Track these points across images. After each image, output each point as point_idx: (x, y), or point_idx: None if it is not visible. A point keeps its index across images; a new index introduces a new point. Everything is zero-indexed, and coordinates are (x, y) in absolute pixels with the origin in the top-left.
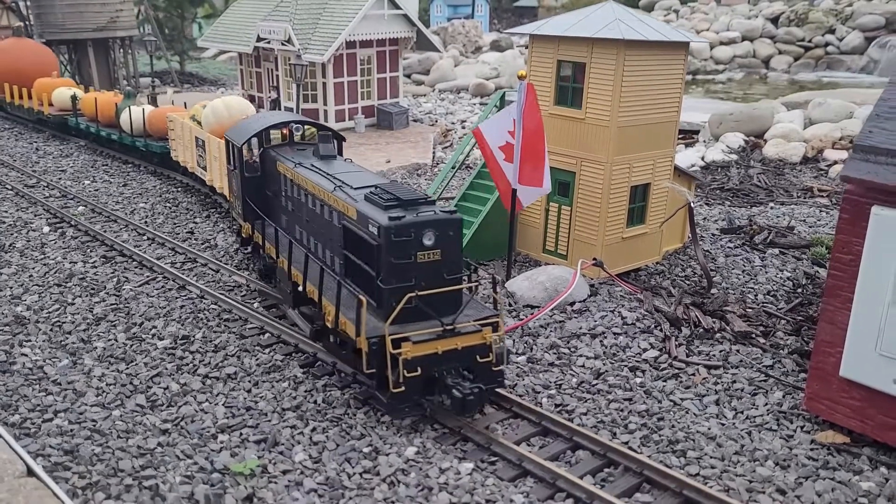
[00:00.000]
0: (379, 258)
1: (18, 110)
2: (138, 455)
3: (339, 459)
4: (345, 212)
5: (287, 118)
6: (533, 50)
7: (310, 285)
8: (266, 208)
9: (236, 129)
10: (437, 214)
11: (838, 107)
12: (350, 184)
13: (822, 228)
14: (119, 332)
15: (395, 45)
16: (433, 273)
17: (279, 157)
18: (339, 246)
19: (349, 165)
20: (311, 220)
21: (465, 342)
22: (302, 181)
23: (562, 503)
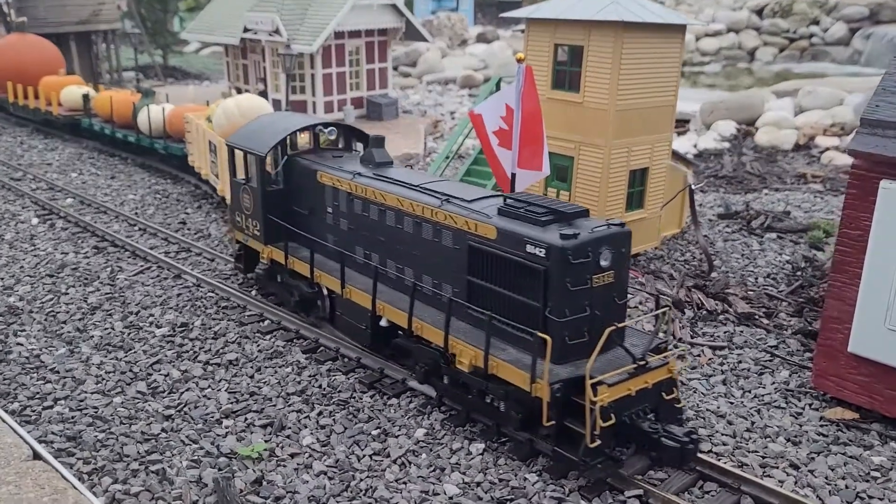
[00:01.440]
0: (547, 285)
1: (23, 111)
2: (143, 440)
3: (348, 442)
4: (471, 230)
5: (309, 119)
6: (529, 34)
7: (418, 321)
8: (298, 227)
9: (245, 135)
10: (611, 229)
11: (828, 94)
12: (460, 196)
13: (818, 213)
14: (116, 321)
15: (383, 35)
16: (606, 299)
17: (319, 167)
18: (455, 271)
19: (421, 174)
20: (392, 240)
21: (654, 378)
22: (374, 195)
23: (574, 482)
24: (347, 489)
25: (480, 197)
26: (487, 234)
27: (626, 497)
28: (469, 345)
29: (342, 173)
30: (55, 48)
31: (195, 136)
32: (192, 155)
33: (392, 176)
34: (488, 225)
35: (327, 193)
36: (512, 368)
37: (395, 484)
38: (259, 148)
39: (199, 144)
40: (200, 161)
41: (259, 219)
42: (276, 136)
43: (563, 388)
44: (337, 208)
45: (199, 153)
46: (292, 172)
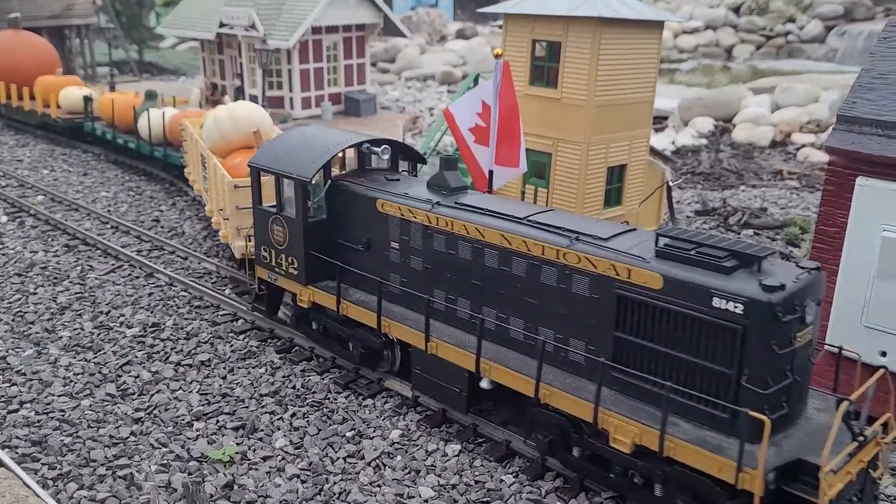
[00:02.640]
0: (744, 348)
1: (18, 113)
2: (111, 444)
3: (322, 444)
4: (621, 277)
5: (353, 136)
6: (507, 29)
7: (547, 388)
8: (347, 265)
9: (275, 154)
10: (813, 275)
11: (804, 92)
12: (592, 232)
13: (794, 210)
14: (85, 321)
15: (361, 31)
16: (803, 360)
17: (378, 194)
18: (593, 325)
19: (512, 201)
20: (492, 285)
21: (869, 455)
22: (466, 229)
23: (551, 483)
24: (320, 493)
25: (620, 232)
26: (647, 283)
27: (604, 498)
28: (628, 419)
29: (414, 202)
30: (51, 46)
31: (190, 145)
32: (189, 166)
33: (477, 204)
34: (648, 271)
35: (392, 226)
36: (700, 452)
37: (370, 487)
38: (300, 171)
39: (192, 155)
40: (195, 174)
41: (297, 255)
42: (321, 157)
43: (776, 478)
44: (406, 244)
45: (194, 166)
46: (338, 200)
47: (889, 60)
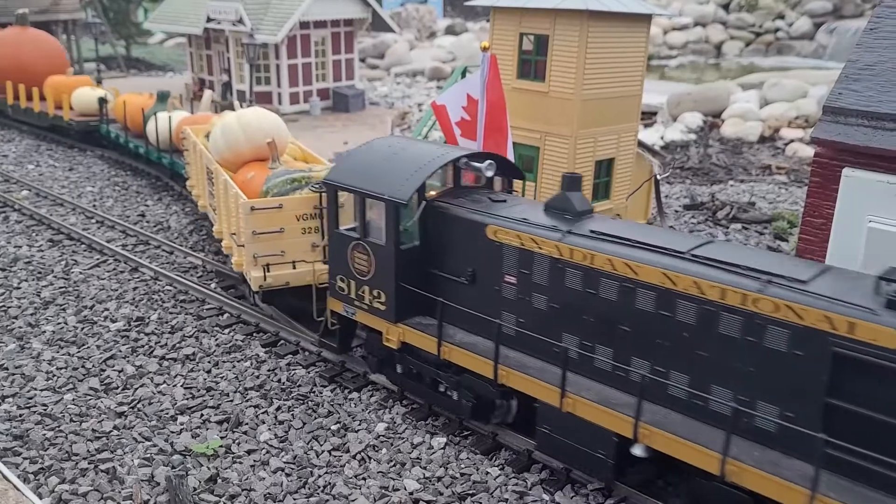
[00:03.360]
0: None
1: (26, 115)
2: (93, 439)
3: (307, 438)
4: (838, 331)
5: (447, 149)
6: (495, 22)
7: (736, 464)
8: (443, 299)
9: (356, 170)
10: None
11: (793, 87)
12: (785, 273)
13: (782, 204)
14: (69, 316)
15: (349, 26)
16: None
17: (488, 218)
18: (792, 388)
19: (664, 230)
20: (646, 332)
21: None
22: (612, 265)
23: (537, 475)
24: (305, 486)
25: (819, 272)
26: (878, 341)
27: (589, 490)
28: None
29: (539, 230)
30: (59, 45)
31: (193, 155)
32: (191, 179)
33: (619, 233)
34: (879, 326)
35: (508, 256)
36: None
37: (354, 480)
38: (392, 190)
39: (196, 167)
40: (199, 188)
41: (386, 287)
42: (416, 175)
43: None
44: (527, 278)
45: (198, 178)
46: (433, 224)
47: (875, 51)
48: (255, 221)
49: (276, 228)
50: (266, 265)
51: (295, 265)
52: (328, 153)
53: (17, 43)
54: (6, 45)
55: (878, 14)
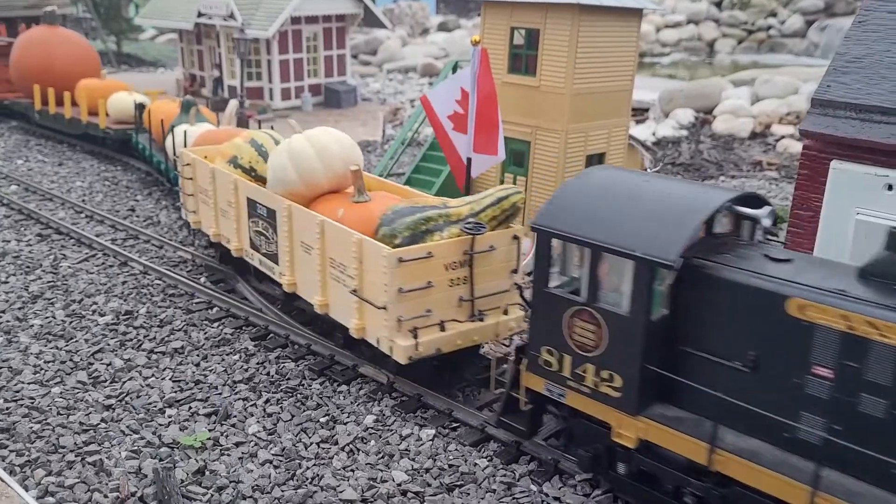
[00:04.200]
0: None
1: (56, 121)
2: (80, 431)
3: (295, 430)
4: None
5: (720, 192)
6: (486, 17)
7: None
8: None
9: (580, 213)
10: None
11: (784, 83)
12: None
13: (773, 200)
14: (57, 310)
15: (341, 21)
16: None
17: (790, 290)
18: None
19: None
20: None
21: None
22: None
23: (525, 466)
24: (293, 478)
25: None
26: None
27: (577, 481)
28: None
29: (873, 308)
30: (90, 46)
31: (204, 181)
32: (195, 211)
33: None
34: None
35: (823, 342)
36: None
37: (343, 472)
38: (649, 246)
39: (214, 197)
40: (218, 224)
41: (624, 369)
42: (682, 225)
43: None
44: (853, 374)
45: (214, 211)
46: (691, 288)
47: (864, 44)
48: (403, 276)
49: (423, 283)
50: (414, 329)
51: (444, 326)
52: None
53: (46, 43)
54: (34, 46)
55: (866, 7)
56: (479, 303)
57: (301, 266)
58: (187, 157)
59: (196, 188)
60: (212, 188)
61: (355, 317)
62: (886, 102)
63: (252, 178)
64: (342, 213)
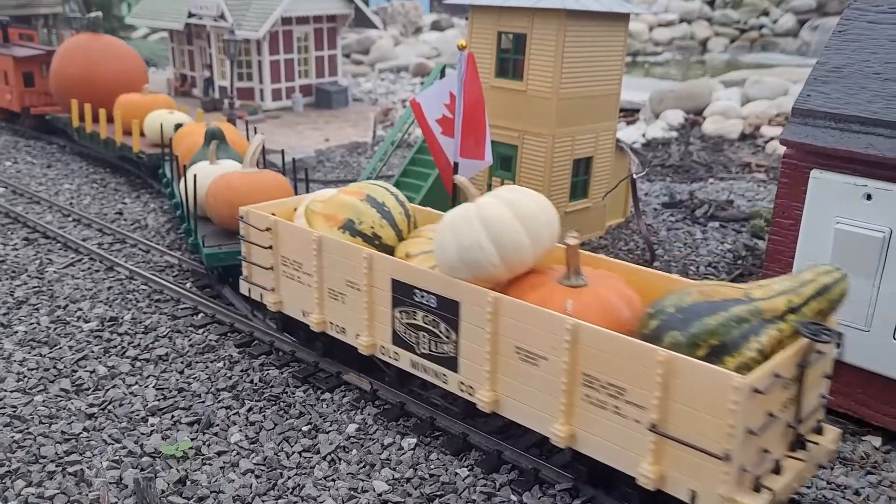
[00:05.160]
0: None
1: (92, 141)
2: (62, 441)
3: (277, 439)
4: None
5: None
6: (473, 21)
7: None
8: None
9: None
10: None
11: (774, 85)
12: None
13: (761, 202)
14: (42, 316)
15: (332, 21)
16: None
17: None
18: None
19: None
20: None
21: None
22: None
23: (506, 475)
24: (274, 488)
25: None
26: None
27: (557, 491)
28: None
29: None
30: (138, 56)
31: (300, 253)
32: (274, 289)
33: None
34: None
35: None
36: None
37: (324, 481)
38: None
39: (328, 275)
40: (328, 310)
41: None
42: None
43: None
44: None
45: (320, 293)
46: None
47: (844, 53)
48: (754, 411)
49: (766, 416)
50: (755, 480)
51: (779, 467)
52: (309, 150)
53: (87, 53)
54: (75, 55)
55: (846, 16)
56: (803, 426)
57: (516, 380)
58: (260, 219)
59: (277, 260)
60: (315, 263)
61: (648, 460)
62: (865, 113)
63: (373, 247)
64: (571, 306)
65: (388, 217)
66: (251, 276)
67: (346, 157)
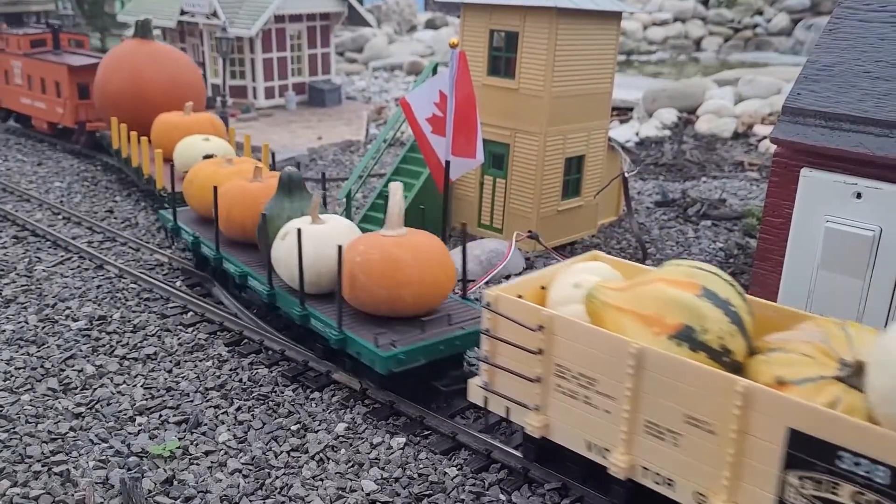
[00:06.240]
0: None
1: (127, 166)
2: (48, 440)
3: (266, 438)
4: None
5: None
6: (465, 19)
7: None
8: None
9: None
10: None
11: (767, 83)
12: None
13: (753, 201)
14: (30, 314)
15: (326, 19)
16: None
17: None
18: None
19: None
20: None
21: None
22: None
23: (495, 475)
24: (262, 487)
25: None
26: None
27: (546, 490)
28: None
29: None
30: (195, 66)
31: (601, 367)
32: (539, 408)
33: None
34: None
35: None
36: None
37: (312, 481)
38: None
39: (646, 404)
40: (640, 450)
41: None
42: None
43: None
44: None
45: (629, 426)
46: None
47: (834, 52)
48: None
49: None
50: None
51: None
52: (302, 149)
53: (133, 62)
54: (121, 65)
55: (837, 15)
56: None
57: None
58: (524, 312)
59: (549, 369)
60: (629, 385)
61: None
62: (855, 111)
63: (721, 367)
64: None
65: (737, 321)
66: (494, 383)
67: (338, 156)
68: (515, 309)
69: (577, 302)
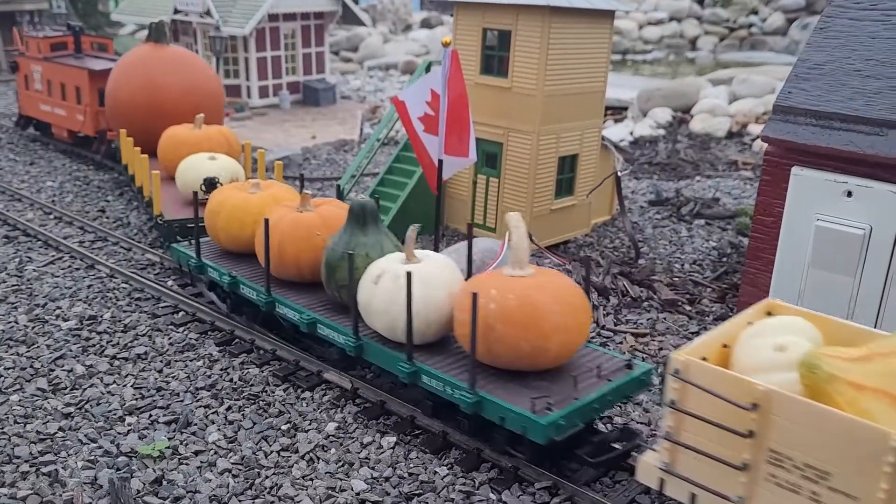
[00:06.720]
0: None
1: (132, 184)
2: (37, 441)
3: (256, 438)
4: None
5: None
6: (458, 17)
7: None
8: None
9: None
10: None
11: (761, 83)
12: None
13: (746, 200)
14: (20, 314)
15: (320, 18)
16: None
17: None
18: None
19: None
20: None
21: None
22: None
23: (485, 474)
24: (251, 487)
25: None
26: None
27: (536, 489)
28: None
29: None
30: (213, 72)
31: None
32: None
33: None
34: None
35: None
36: None
37: (301, 481)
38: None
39: None
40: None
41: None
42: None
43: None
44: None
45: None
46: None
47: (825, 50)
48: None
49: None
50: None
51: None
52: (296, 148)
53: (146, 69)
54: (136, 70)
55: (827, 14)
56: None
57: None
58: (729, 384)
59: (760, 456)
60: (886, 487)
61: None
62: (846, 110)
63: None
64: None
65: None
66: (677, 464)
67: (332, 155)
68: (717, 380)
69: (784, 370)
